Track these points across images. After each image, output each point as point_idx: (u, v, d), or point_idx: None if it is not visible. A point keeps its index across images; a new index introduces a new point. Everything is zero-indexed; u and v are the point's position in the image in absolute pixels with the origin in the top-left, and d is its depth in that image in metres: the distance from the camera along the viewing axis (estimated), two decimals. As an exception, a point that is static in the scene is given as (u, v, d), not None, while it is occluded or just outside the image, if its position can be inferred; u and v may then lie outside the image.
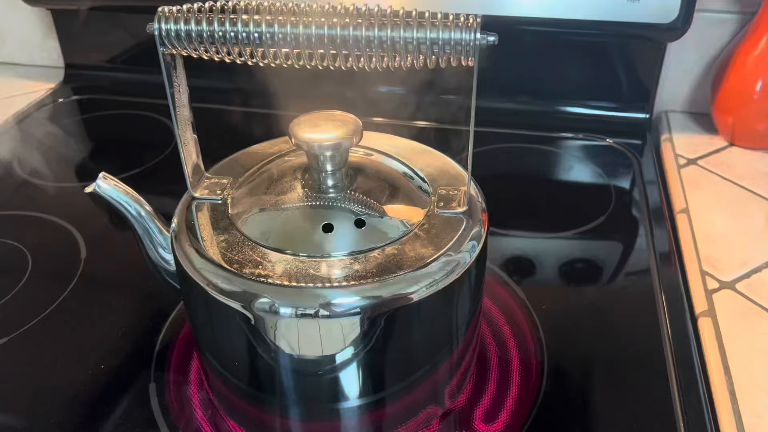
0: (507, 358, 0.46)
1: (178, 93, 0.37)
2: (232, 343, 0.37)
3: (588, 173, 0.68)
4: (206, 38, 0.34)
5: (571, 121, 0.75)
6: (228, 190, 0.40)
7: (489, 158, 0.70)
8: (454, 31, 0.32)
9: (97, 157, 0.73)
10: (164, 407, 0.43)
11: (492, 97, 0.75)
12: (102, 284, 0.54)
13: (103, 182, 0.39)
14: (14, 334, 0.49)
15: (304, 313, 0.34)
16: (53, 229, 0.59)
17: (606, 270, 0.55)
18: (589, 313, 0.50)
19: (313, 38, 0.33)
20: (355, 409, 0.39)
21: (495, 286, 0.52)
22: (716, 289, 0.52)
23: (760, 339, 0.47)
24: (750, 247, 0.56)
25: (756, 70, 0.66)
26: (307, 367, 0.37)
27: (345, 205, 0.38)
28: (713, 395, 0.44)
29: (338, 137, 0.37)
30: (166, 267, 0.41)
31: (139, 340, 0.48)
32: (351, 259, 0.35)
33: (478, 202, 0.40)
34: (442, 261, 0.35)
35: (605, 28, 0.65)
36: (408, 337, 0.37)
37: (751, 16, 0.69)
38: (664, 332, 0.48)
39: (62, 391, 0.44)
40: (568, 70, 0.75)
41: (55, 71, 0.89)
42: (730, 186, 0.64)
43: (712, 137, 0.72)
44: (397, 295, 0.34)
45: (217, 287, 0.35)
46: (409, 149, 0.44)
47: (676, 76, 0.75)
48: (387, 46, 0.33)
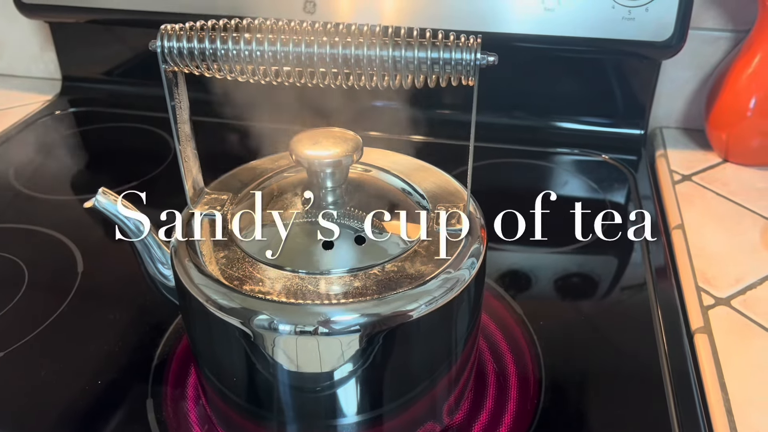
0: (505, 374, 0.46)
1: (179, 109, 0.37)
2: (231, 359, 0.37)
3: (583, 188, 0.68)
4: (208, 56, 0.34)
5: (567, 137, 0.76)
6: (228, 206, 0.40)
7: (486, 173, 0.70)
8: (455, 52, 0.33)
9: (93, 169, 0.73)
10: (161, 422, 0.43)
11: (489, 112, 0.76)
12: (99, 298, 0.53)
13: (102, 197, 0.39)
14: (10, 348, 0.48)
15: (303, 330, 0.34)
16: (50, 243, 0.59)
17: (602, 285, 0.55)
18: (585, 329, 0.51)
19: (315, 57, 0.33)
20: (354, 426, 0.39)
21: (492, 301, 0.53)
22: (712, 305, 0.52)
23: (756, 355, 0.47)
24: (745, 264, 0.56)
25: (749, 88, 0.66)
26: (306, 384, 0.37)
27: (345, 221, 0.38)
28: (710, 412, 0.44)
29: (338, 154, 0.37)
30: (164, 282, 0.41)
31: (136, 354, 0.48)
32: (350, 276, 0.35)
33: (477, 219, 0.40)
34: (441, 278, 0.35)
35: (601, 45, 0.66)
36: (407, 354, 0.37)
37: (744, 34, 0.69)
38: (661, 348, 0.48)
39: (59, 405, 0.44)
40: (565, 87, 0.75)
41: (52, 83, 0.89)
42: (724, 202, 0.64)
43: (706, 153, 0.73)
44: (396, 313, 0.34)
45: (217, 303, 0.35)
46: (408, 166, 0.44)
47: (670, 93, 0.76)
48: (388, 65, 0.33)
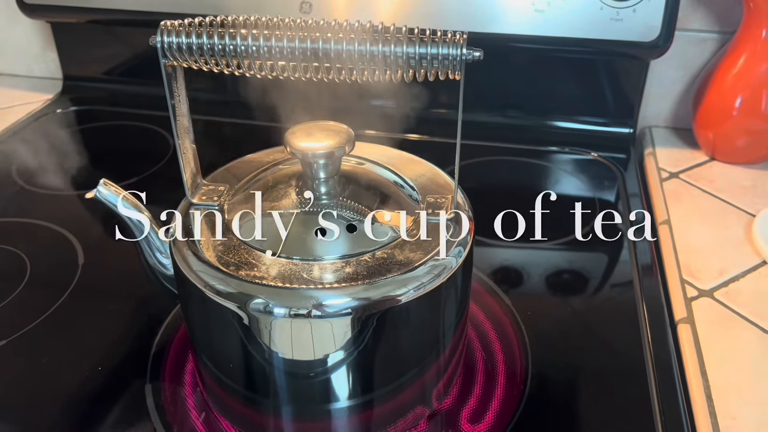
0: (493, 363, 0.48)
1: (178, 103, 0.39)
2: (228, 343, 0.39)
3: (574, 186, 0.70)
4: (206, 51, 0.36)
5: (558, 135, 0.77)
6: (225, 197, 0.42)
7: (478, 170, 0.72)
8: (442, 47, 0.34)
9: (94, 166, 0.74)
10: (160, 407, 0.44)
11: (481, 111, 0.78)
12: (99, 289, 0.55)
13: (103, 188, 0.40)
14: (13, 336, 0.50)
15: (297, 314, 0.35)
16: (51, 236, 0.61)
17: (589, 279, 0.57)
18: (572, 319, 0.52)
19: (309, 52, 0.35)
20: (346, 410, 0.40)
21: (483, 295, 0.54)
22: (695, 297, 0.53)
23: (736, 344, 0.49)
24: (728, 257, 0.58)
25: (735, 88, 0.68)
26: (299, 368, 0.38)
27: (337, 211, 0.39)
28: (690, 398, 0.46)
29: (331, 146, 0.39)
30: (163, 271, 0.42)
31: (136, 343, 0.49)
32: (342, 263, 0.37)
33: (465, 209, 0.41)
34: (429, 265, 0.37)
35: (590, 45, 0.67)
36: (396, 339, 0.38)
37: (730, 35, 0.71)
38: (645, 338, 0.50)
39: (60, 391, 0.46)
40: (555, 86, 0.77)
41: (53, 83, 0.91)
42: (710, 199, 0.66)
43: (693, 152, 0.74)
44: (386, 297, 0.36)
45: (214, 288, 0.36)
46: (399, 159, 0.45)
47: (659, 93, 0.78)
48: (378, 60, 0.35)
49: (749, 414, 0.44)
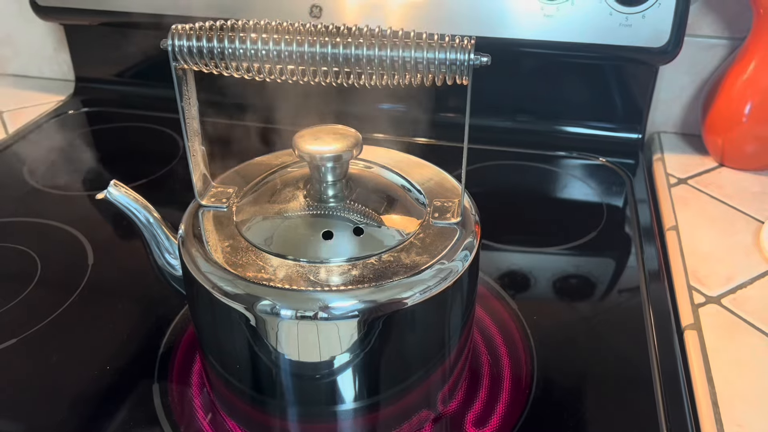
0: (499, 367, 0.48)
1: (188, 105, 0.39)
2: (235, 344, 0.39)
3: (582, 191, 0.70)
4: (216, 54, 0.36)
5: (566, 140, 0.77)
6: (233, 199, 0.42)
7: (486, 174, 0.72)
8: (450, 52, 0.34)
9: (105, 167, 0.75)
10: (167, 407, 0.44)
11: (489, 115, 0.78)
12: (108, 289, 0.55)
13: (114, 189, 0.41)
14: (22, 335, 0.50)
15: (304, 316, 0.35)
16: (62, 236, 0.61)
17: (596, 284, 0.57)
18: (578, 325, 0.52)
19: (318, 56, 0.35)
20: (351, 412, 0.40)
21: (489, 299, 0.54)
22: (702, 303, 0.53)
23: (743, 351, 0.49)
24: (736, 264, 0.57)
25: (745, 94, 0.68)
26: (305, 369, 0.38)
27: (344, 214, 0.40)
28: (697, 405, 0.45)
29: (339, 149, 0.39)
30: (172, 272, 0.43)
31: (144, 343, 0.50)
32: (349, 265, 0.37)
33: (472, 214, 0.42)
34: (435, 269, 0.37)
35: (599, 50, 0.67)
36: (402, 341, 0.38)
37: (740, 41, 0.71)
38: (651, 344, 0.50)
39: (69, 389, 0.46)
40: (564, 91, 0.77)
41: (65, 84, 0.92)
42: (718, 205, 0.66)
43: (702, 158, 0.74)
44: (392, 300, 0.36)
45: (222, 290, 0.37)
46: (406, 162, 0.46)
47: (668, 99, 0.78)
48: (386, 65, 0.35)
49: (755, 421, 0.43)
